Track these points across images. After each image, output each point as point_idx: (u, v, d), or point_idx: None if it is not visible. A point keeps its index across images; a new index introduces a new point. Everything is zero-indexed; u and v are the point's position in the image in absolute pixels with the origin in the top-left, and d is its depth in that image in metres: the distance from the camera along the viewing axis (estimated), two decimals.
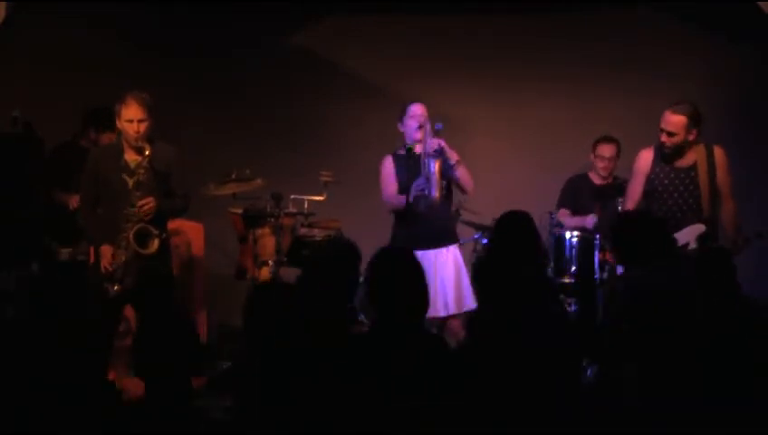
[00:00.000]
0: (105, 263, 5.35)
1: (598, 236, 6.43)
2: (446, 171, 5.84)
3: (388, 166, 6.07)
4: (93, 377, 3.41)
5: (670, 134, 5.81)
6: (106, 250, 5.37)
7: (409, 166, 5.96)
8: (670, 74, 7.48)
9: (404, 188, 5.95)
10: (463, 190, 6.08)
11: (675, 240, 5.16)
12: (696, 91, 7.31)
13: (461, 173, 5.96)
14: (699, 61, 7.51)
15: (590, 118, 7.51)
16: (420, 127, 5.91)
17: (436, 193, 5.79)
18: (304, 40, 7.82)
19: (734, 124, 7.42)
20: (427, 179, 5.78)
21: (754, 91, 7.37)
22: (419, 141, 5.95)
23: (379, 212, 6.08)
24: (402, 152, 6.08)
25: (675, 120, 5.80)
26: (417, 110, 5.98)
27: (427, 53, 7.72)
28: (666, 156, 5.92)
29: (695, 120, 5.82)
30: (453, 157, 5.91)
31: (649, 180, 5.96)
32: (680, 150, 5.90)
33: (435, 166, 5.76)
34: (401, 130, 6.06)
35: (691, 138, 5.85)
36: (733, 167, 6.14)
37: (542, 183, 7.43)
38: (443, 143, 5.86)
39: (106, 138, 6.53)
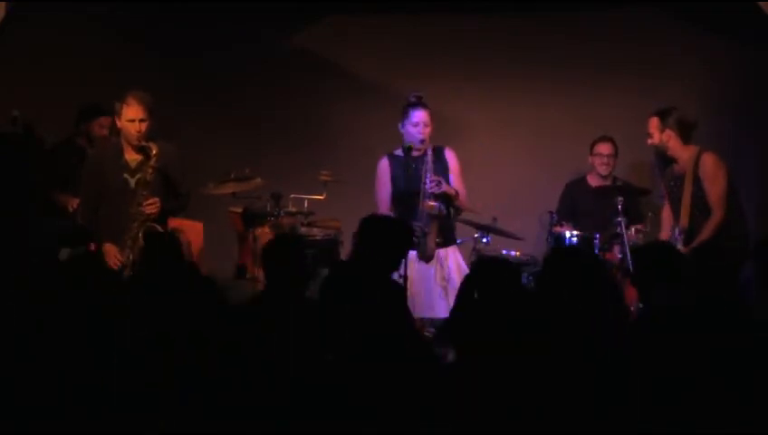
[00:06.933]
0: (112, 261, 5.36)
1: (597, 235, 6.43)
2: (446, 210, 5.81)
3: (384, 168, 6.01)
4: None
5: (648, 135, 6.07)
6: (111, 249, 5.38)
7: (407, 167, 5.90)
8: (670, 74, 7.47)
9: (399, 193, 5.89)
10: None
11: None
12: (696, 91, 7.32)
13: (461, 203, 5.95)
14: (699, 61, 7.50)
15: (590, 118, 7.50)
16: (422, 142, 5.83)
17: (432, 244, 5.77)
18: (304, 40, 7.82)
19: (734, 124, 7.42)
20: (424, 233, 5.73)
21: (754, 91, 7.36)
22: (418, 150, 5.91)
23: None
24: (398, 153, 6.03)
25: (650, 122, 6.06)
26: (420, 117, 5.90)
27: (427, 52, 7.71)
28: (659, 159, 6.11)
29: (665, 119, 5.99)
30: (450, 190, 5.87)
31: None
32: (674, 155, 6.04)
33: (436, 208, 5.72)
34: (401, 131, 5.99)
35: (666, 138, 5.99)
36: (731, 167, 6.15)
37: (542, 183, 7.43)
38: (443, 186, 5.80)
39: (97, 125, 6.52)
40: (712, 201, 5.92)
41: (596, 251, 6.37)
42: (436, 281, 5.86)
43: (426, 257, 5.81)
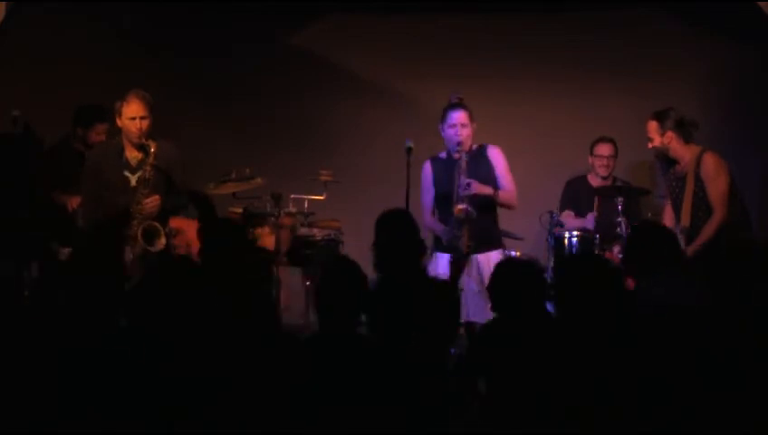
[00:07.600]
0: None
1: (597, 235, 6.43)
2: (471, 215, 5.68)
3: (427, 173, 5.94)
4: None
5: (648, 139, 6.08)
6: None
7: (447, 170, 5.85)
8: (670, 75, 7.48)
9: (440, 196, 5.81)
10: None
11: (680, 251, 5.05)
12: (696, 91, 7.33)
13: (502, 199, 5.87)
14: (699, 61, 7.50)
15: (590, 118, 7.51)
16: (459, 144, 5.76)
17: (464, 248, 5.65)
18: (304, 39, 7.82)
19: (734, 124, 7.42)
20: (456, 237, 5.63)
21: (754, 91, 7.37)
22: (457, 151, 5.83)
23: (379, 211, 6.07)
24: (442, 155, 5.97)
25: (648, 126, 6.07)
26: (456, 118, 5.85)
27: (427, 52, 7.71)
28: (661, 159, 6.11)
29: (663, 121, 6.00)
30: (484, 190, 5.77)
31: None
32: (676, 156, 6.05)
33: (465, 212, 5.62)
34: (442, 134, 5.93)
35: (667, 140, 6.00)
36: (732, 167, 6.15)
37: (542, 183, 7.43)
38: (473, 187, 5.70)
39: (95, 133, 6.50)
40: (713, 201, 5.92)
41: (596, 251, 6.37)
42: (468, 286, 5.65)
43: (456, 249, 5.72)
